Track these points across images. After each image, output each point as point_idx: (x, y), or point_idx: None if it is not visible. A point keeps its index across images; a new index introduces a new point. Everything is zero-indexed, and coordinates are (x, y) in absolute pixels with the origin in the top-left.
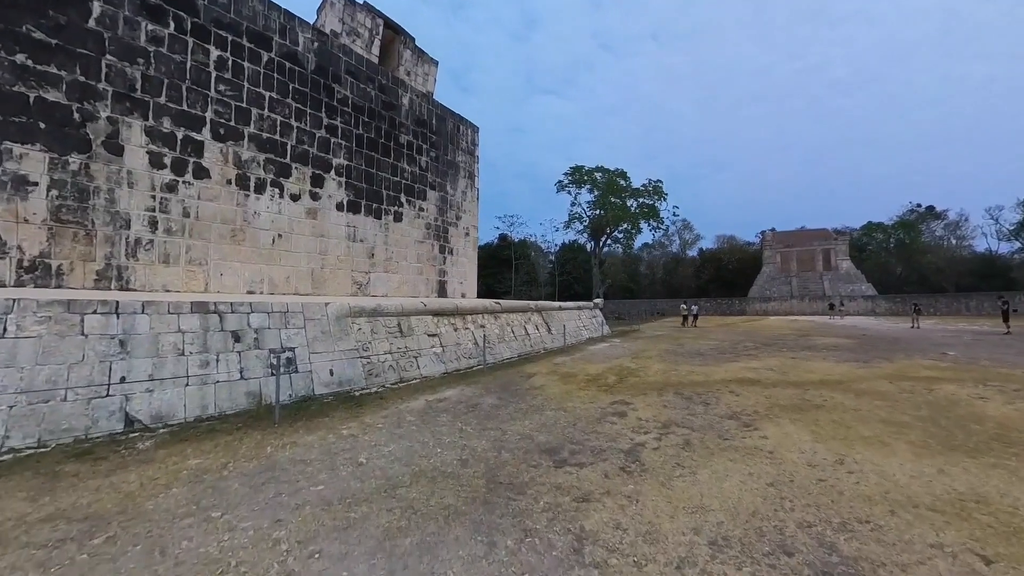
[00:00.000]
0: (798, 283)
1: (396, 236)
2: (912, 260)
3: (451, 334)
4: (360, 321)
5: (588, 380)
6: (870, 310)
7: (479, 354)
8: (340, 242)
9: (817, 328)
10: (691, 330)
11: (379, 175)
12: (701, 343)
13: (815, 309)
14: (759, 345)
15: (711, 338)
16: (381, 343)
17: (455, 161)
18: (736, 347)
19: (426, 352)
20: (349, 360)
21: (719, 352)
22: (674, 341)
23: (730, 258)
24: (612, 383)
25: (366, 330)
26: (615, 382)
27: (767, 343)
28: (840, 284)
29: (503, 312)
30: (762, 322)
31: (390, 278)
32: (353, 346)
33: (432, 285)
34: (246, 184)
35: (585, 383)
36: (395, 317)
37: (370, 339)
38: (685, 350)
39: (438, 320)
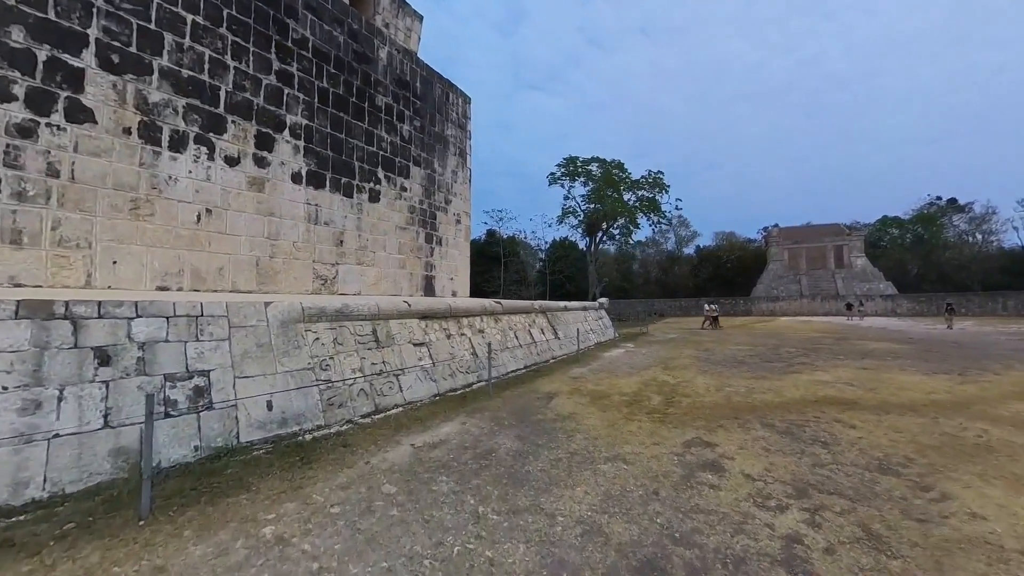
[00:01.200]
0: (808, 281)
1: (372, 220)
2: (931, 257)
3: (443, 342)
4: (318, 328)
5: (627, 402)
6: (890, 310)
7: (479, 367)
8: (298, 224)
9: (847, 330)
10: (707, 332)
11: (350, 142)
12: (730, 348)
13: (827, 309)
14: (803, 351)
15: (736, 342)
16: (349, 358)
17: (443, 134)
18: (777, 353)
19: (411, 368)
20: (299, 386)
21: (762, 360)
22: (698, 346)
23: (729, 256)
24: (661, 406)
25: (327, 340)
26: (663, 405)
27: (809, 348)
28: (855, 283)
29: (504, 314)
30: (775, 323)
31: (364, 272)
32: (306, 364)
33: (417, 281)
34: (155, 137)
35: (626, 408)
36: (369, 321)
37: (332, 353)
38: (718, 357)
39: (427, 325)
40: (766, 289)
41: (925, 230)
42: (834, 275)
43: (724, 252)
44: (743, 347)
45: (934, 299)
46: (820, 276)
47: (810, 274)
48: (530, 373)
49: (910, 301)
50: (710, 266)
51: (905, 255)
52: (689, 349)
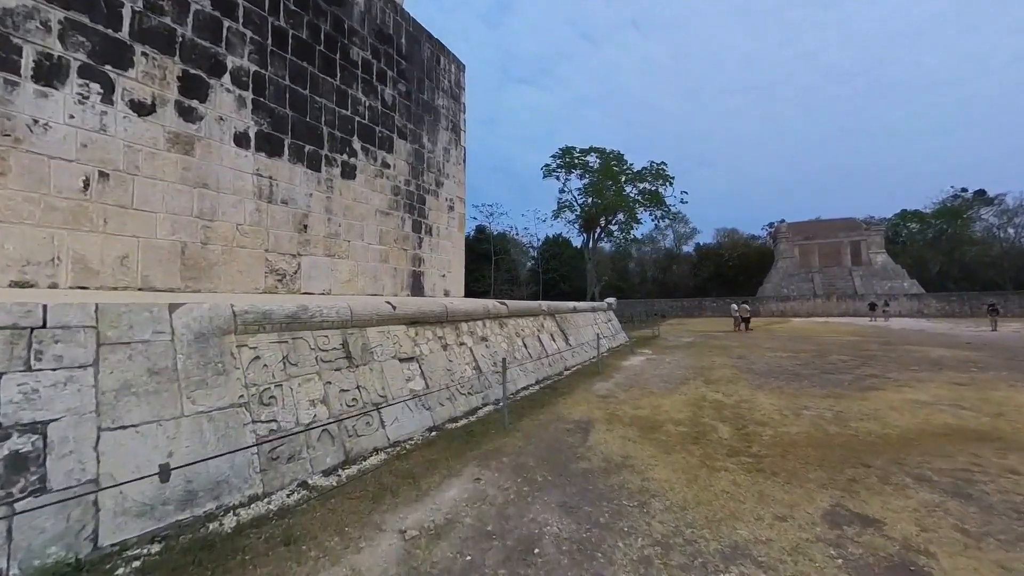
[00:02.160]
0: (822, 280)
1: (346, 200)
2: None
3: (438, 355)
4: (260, 342)
5: (690, 436)
6: (917, 311)
7: (484, 386)
8: (243, 201)
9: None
10: (733, 335)
11: (317, 102)
12: (766, 354)
13: (844, 309)
14: (857, 359)
15: (767, 347)
16: (306, 385)
17: (433, 104)
18: (828, 363)
19: (398, 393)
20: (221, 433)
21: (818, 371)
22: (727, 352)
23: (731, 254)
24: (739, 442)
25: (272, 360)
26: (741, 439)
27: (860, 356)
28: (874, 281)
29: (510, 316)
30: (791, 325)
31: (336, 266)
32: (235, 399)
33: (402, 278)
34: (9, 60)
35: (694, 444)
36: (338, 331)
37: (280, 379)
38: (761, 367)
39: (417, 333)
40: (775, 288)
41: (949, 224)
42: (851, 273)
43: (726, 250)
44: (781, 353)
45: (966, 299)
46: (835, 274)
47: (823, 272)
48: (546, 391)
49: (939, 301)
50: (711, 265)
51: (926, 251)
52: (719, 356)
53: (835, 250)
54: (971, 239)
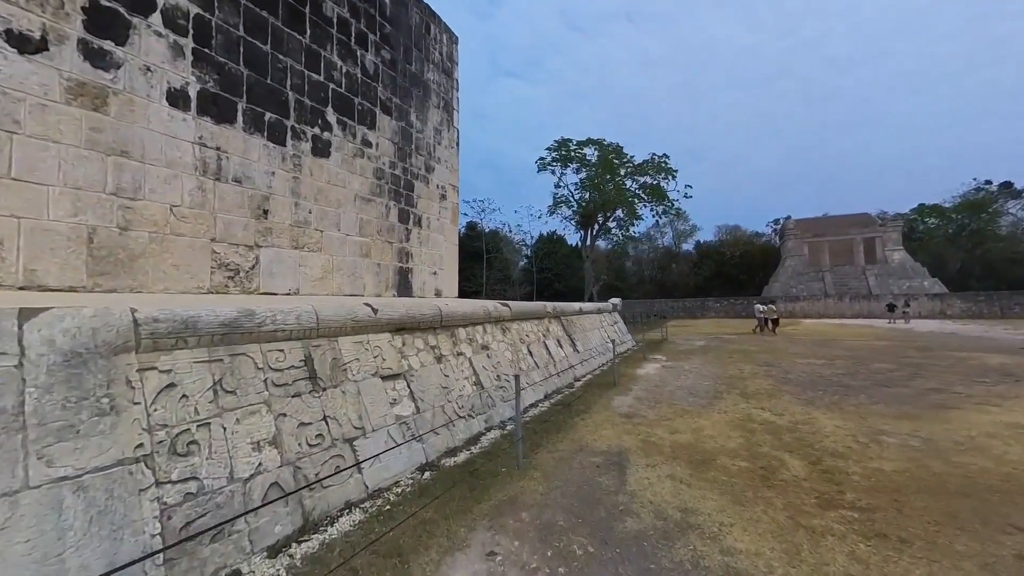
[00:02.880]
0: (833, 279)
1: (318, 182)
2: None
3: (432, 370)
4: (175, 363)
5: (756, 475)
6: (939, 311)
7: (487, 405)
8: (181, 177)
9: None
10: (748, 339)
11: (281, 61)
12: (797, 361)
13: (858, 310)
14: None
15: (793, 352)
16: (248, 422)
17: (422, 78)
18: (873, 371)
19: (379, 422)
20: (96, 510)
21: (870, 383)
22: (750, 358)
23: (733, 252)
24: (829, 487)
25: (195, 388)
26: (817, 477)
27: (904, 363)
28: (891, 280)
29: (514, 320)
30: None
31: (306, 260)
32: (125, 453)
33: (387, 276)
34: None
35: (770, 490)
36: (299, 342)
37: (204, 415)
38: (800, 376)
39: (405, 343)
40: (783, 288)
41: (972, 219)
42: (864, 272)
43: (728, 248)
44: (812, 360)
45: (995, 299)
46: (847, 273)
47: (835, 271)
48: (558, 408)
49: (964, 301)
50: (712, 263)
51: (946, 248)
52: (744, 363)
53: (847, 248)
54: (996, 235)
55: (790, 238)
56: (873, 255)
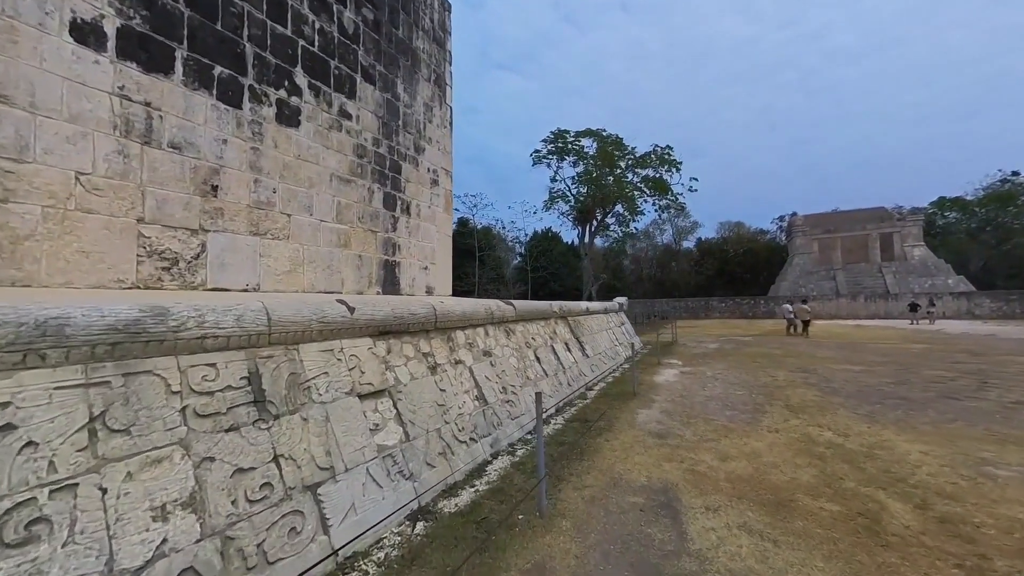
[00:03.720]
0: (846, 278)
1: (285, 156)
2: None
3: (425, 383)
4: (18, 394)
5: (859, 527)
6: (965, 311)
7: (492, 425)
8: (92, 135)
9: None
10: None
11: (236, 5)
12: (834, 368)
13: (874, 311)
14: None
15: (823, 356)
16: (148, 475)
17: (411, 46)
18: (923, 379)
19: (355, 457)
20: None
21: (936, 395)
22: (777, 362)
23: (736, 249)
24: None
25: (53, 430)
26: (938, 530)
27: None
28: (910, 278)
29: (519, 321)
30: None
31: (269, 249)
32: None
33: (371, 270)
34: None
35: (882, 548)
36: (239, 353)
37: (68, 474)
38: (843, 385)
39: (390, 350)
40: (791, 287)
41: (1000, 212)
42: (881, 269)
43: (731, 245)
44: (849, 366)
45: None
46: (862, 271)
47: (848, 269)
48: (575, 425)
49: (994, 300)
50: (714, 261)
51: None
52: (774, 369)
53: (861, 244)
54: None
55: (798, 235)
56: (890, 252)
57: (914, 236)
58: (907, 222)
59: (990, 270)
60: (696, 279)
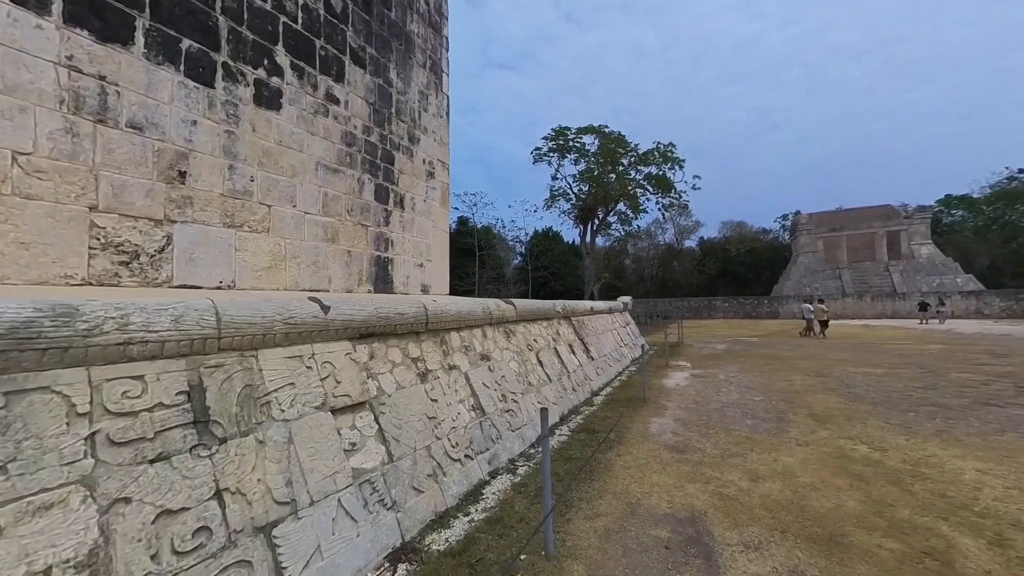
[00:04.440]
0: (852, 277)
1: (264, 141)
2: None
3: (413, 393)
4: None
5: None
6: (975, 311)
7: (490, 439)
8: (32, 110)
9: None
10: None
11: None
12: (852, 371)
13: (880, 310)
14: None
15: (838, 358)
16: (25, 529)
17: (405, 29)
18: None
19: (324, 486)
20: None
21: (971, 401)
22: (790, 365)
23: (739, 249)
24: None
25: None
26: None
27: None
28: (919, 276)
29: (520, 321)
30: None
31: (246, 243)
32: None
33: (361, 267)
34: None
35: None
36: (179, 362)
37: None
38: (866, 390)
39: (373, 355)
40: (795, 287)
41: (1007, 210)
42: (888, 268)
43: (733, 245)
44: (869, 369)
45: None
46: (868, 270)
47: (853, 267)
48: (582, 437)
49: (1004, 299)
50: (717, 261)
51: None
52: (789, 372)
53: (867, 242)
54: None
55: (803, 233)
56: (897, 250)
57: (921, 234)
58: (914, 220)
59: (997, 268)
60: (698, 279)
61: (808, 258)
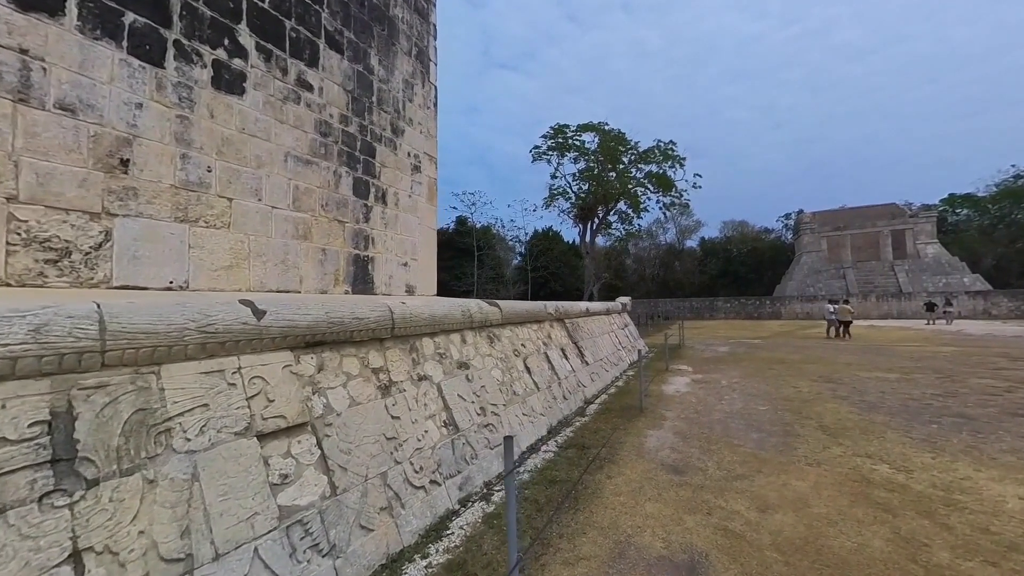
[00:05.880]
0: (856, 276)
1: (225, 129)
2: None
3: (368, 410)
4: None
5: None
6: (982, 311)
7: (464, 458)
8: None
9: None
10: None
11: None
12: (863, 375)
13: (886, 311)
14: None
15: (846, 361)
16: None
17: (388, 13)
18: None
19: (238, 533)
20: None
21: (998, 410)
22: (800, 370)
23: (740, 248)
24: None
25: None
26: None
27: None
28: (924, 276)
29: (505, 324)
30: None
31: (202, 239)
32: None
33: (338, 266)
34: None
35: None
36: (39, 383)
37: None
38: (880, 399)
39: (322, 366)
40: (799, 287)
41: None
42: (893, 268)
43: (734, 244)
44: (881, 374)
45: None
46: (873, 269)
47: (858, 267)
48: (569, 454)
49: (1012, 299)
50: (718, 261)
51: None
52: (795, 378)
53: (872, 241)
54: None
55: (806, 232)
56: (903, 249)
57: (927, 233)
58: (920, 219)
59: (1003, 268)
60: (700, 279)
61: (812, 257)
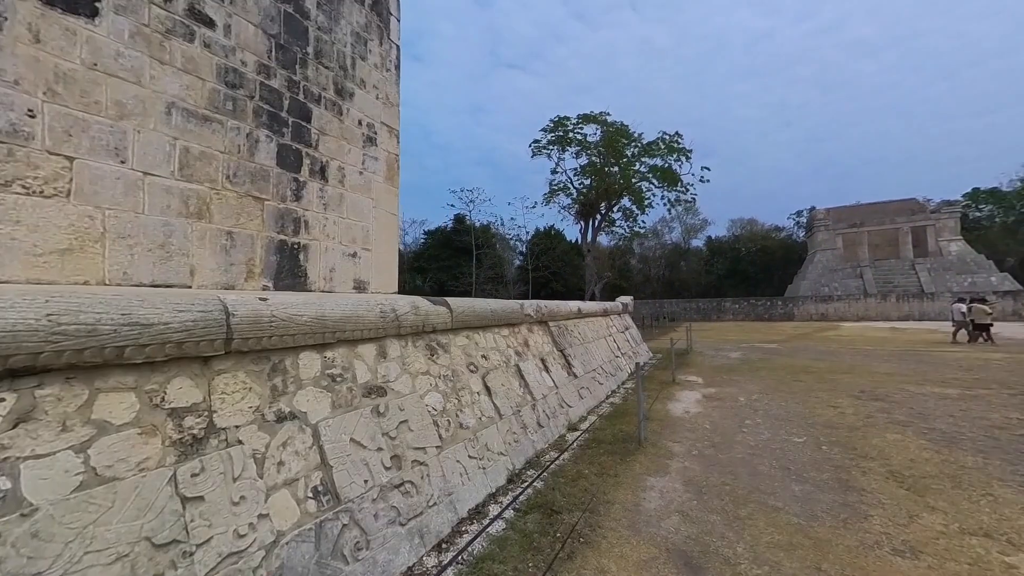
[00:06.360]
0: (874, 275)
1: (62, 60)
2: None
3: (126, 497)
4: None
5: None
6: (1012, 312)
7: (337, 556)
8: None
9: None
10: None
11: None
12: (909, 388)
13: (907, 312)
14: None
15: (886, 371)
16: None
17: None
18: None
19: None
20: None
21: None
22: (831, 382)
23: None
24: None
25: None
26: None
27: None
28: (948, 275)
29: (459, 330)
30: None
31: (21, 210)
32: None
33: (254, 255)
34: None
35: None
36: None
37: None
38: (952, 423)
39: (32, 414)
40: (812, 286)
41: None
42: (914, 266)
43: (743, 243)
44: (935, 389)
45: None
46: (892, 268)
47: (876, 266)
48: (529, 522)
49: None
50: (725, 260)
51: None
52: (832, 394)
53: (891, 239)
54: None
55: (820, 229)
56: (924, 247)
57: (950, 229)
58: (942, 214)
59: None
60: (707, 279)
61: (826, 256)
